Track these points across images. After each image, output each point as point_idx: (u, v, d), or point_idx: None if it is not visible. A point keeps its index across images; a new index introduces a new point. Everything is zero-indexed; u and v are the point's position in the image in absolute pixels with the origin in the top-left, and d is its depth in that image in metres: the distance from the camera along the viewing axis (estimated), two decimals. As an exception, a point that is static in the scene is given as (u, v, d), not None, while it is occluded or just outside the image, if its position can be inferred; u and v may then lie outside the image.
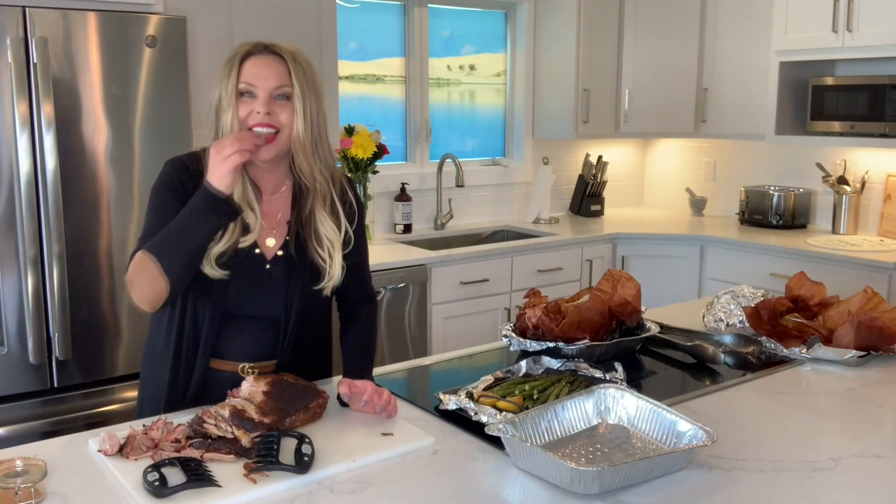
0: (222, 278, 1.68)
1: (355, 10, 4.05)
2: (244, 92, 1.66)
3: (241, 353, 1.75)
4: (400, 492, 1.38)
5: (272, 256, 1.75)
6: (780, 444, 1.58)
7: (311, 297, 1.78)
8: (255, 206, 1.72)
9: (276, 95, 1.66)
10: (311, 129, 1.70)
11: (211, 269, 1.66)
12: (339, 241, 1.77)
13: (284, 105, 1.67)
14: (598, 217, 4.77)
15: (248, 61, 1.66)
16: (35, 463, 1.35)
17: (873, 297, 2.20)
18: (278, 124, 1.67)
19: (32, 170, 2.48)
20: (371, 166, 3.86)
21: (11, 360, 2.53)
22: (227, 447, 1.46)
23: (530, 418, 1.54)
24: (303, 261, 1.76)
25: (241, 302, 1.72)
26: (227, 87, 1.65)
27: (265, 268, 1.74)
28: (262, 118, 1.65)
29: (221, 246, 1.66)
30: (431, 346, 3.62)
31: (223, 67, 1.68)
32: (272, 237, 1.76)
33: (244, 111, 1.66)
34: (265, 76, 1.65)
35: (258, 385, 1.61)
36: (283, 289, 1.74)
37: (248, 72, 1.66)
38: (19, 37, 2.42)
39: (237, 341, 1.75)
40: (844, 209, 4.07)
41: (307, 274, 1.76)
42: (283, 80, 1.66)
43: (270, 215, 1.77)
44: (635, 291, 2.18)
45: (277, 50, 1.69)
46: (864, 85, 3.71)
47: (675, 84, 4.47)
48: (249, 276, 1.72)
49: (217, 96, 1.68)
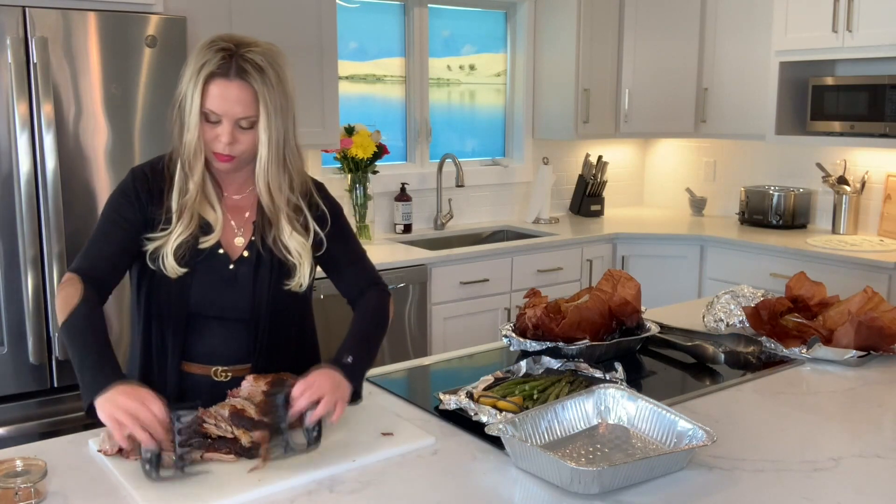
0: (181, 276, 1.66)
1: (355, 10, 4.05)
2: (209, 115, 1.62)
3: (212, 356, 1.73)
4: (400, 492, 1.38)
5: (237, 256, 1.73)
6: (780, 444, 1.58)
7: (282, 296, 1.74)
8: (217, 207, 1.70)
9: (240, 123, 1.62)
10: (277, 152, 1.65)
11: (171, 266, 1.65)
12: (306, 246, 1.74)
13: (248, 132, 1.63)
14: (598, 217, 4.77)
15: (213, 84, 1.58)
16: (35, 463, 1.35)
17: (873, 297, 2.20)
18: (239, 153, 1.64)
19: (32, 170, 2.48)
20: (371, 166, 3.86)
21: (11, 360, 2.53)
22: (227, 447, 1.46)
23: (530, 418, 1.54)
24: (271, 260, 1.73)
25: (205, 302, 1.70)
26: (192, 100, 1.60)
27: (229, 267, 1.72)
28: (223, 149, 1.62)
29: (176, 238, 1.64)
30: (431, 346, 3.62)
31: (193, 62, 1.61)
32: (240, 236, 1.74)
33: (209, 134, 1.63)
34: (231, 104, 1.59)
35: (258, 385, 1.61)
36: (250, 288, 1.72)
37: (214, 98, 1.59)
38: (19, 37, 2.42)
39: (207, 344, 1.73)
40: (844, 209, 4.07)
41: (276, 273, 1.73)
42: (248, 110, 1.61)
43: (238, 213, 1.75)
44: (635, 291, 2.18)
45: (247, 68, 1.59)
46: (864, 85, 3.71)
47: (675, 84, 4.47)
48: (212, 276, 1.70)
49: (181, 94, 1.63)
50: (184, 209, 1.66)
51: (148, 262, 1.68)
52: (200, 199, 1.67)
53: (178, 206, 1.66)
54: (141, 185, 1.70)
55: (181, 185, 1.66)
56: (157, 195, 1.69)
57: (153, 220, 1.68)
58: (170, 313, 1.70)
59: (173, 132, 1.67)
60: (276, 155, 1.65)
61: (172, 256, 1.65)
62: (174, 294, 1.69)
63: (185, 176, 1.66)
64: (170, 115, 1.69)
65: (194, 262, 1.68)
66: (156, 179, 1.70)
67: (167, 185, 1.69)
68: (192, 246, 1.67)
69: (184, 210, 1.66)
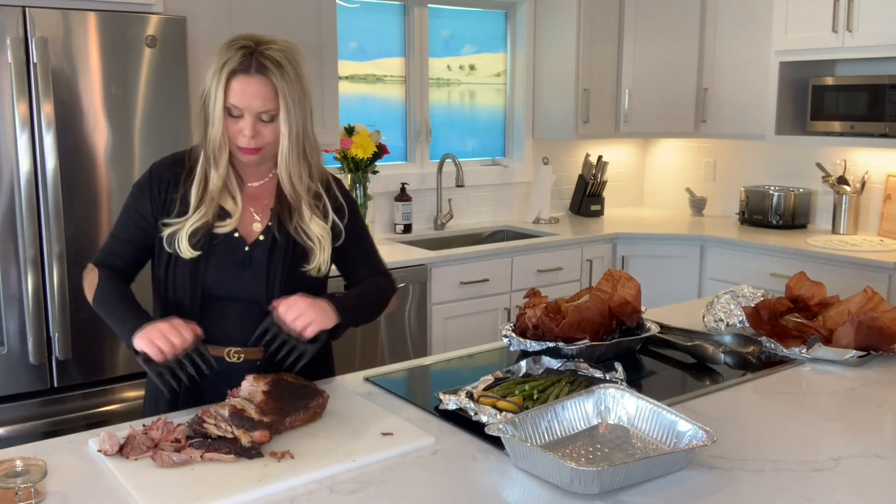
0: (197, 258, 1.74)
1: (355, 10, 4.05)
2: (231, 110, 1.69)
3: (227, 337, 1.78)
4: (400, 492, 1.38)
5: (253, 239, 1.79)
6: (780, 444, 1.58)
7: (296, 280, 1.79)
8: (237, 195, 1.79)
9: (261, 117, 1.70)
10: (297, 143, 1.74)
11: (186, 248, 1.72)
12: (327, 230, 1.82)
13: (269, 125, 1.72)
14: (598, 217, 4.77)
15: (235, 80, 1.67)
16: (35, 463, 1.35)
17: (873, 297, 2.20)
18: (262, 144, 1.73)
19: (32, 170, 2.48)
20: (371, 166, 3.86)
21: (11, 360, 2.53)
22: (227, 447, 1.47)
23: (530, 418, 1.54)
24: (286, 244, 1.79)
25: (220, 283, 1.77)
26: (215, 96, 1.68)
27: (244, 250, 1.78)
28: (247, 142, 1.70)
29: (192, 224, 1.72)
30: (431, 346, 3.62)
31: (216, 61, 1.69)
32: (258, 222, 1.81)
33: (232, 129, 1.71)
34: (251, 98, 1.68)
35: (258, 385, 1.61)
36: (264, 271, 1.78)
37: (236, 93, 1.67)
38: (19, 37, 2.42)
39: (222, 325, 1.78)
40: (844, 209, 4.07)
41: (291, 256, 1.80)
42: (268, 103, 1.69)
43: (257, 200, 1.83)
44: (635, 291, 2.18)
45: (266, 64, 1.68)
46: (864, 85, 3.71)
47: (674, 84, 4.47)
48: (228, 258, 1.77)
49: (205, 91, 1.71)
50: (204, 199, 1.74)
51: (164, 245, 1.75)
52: (222, 190, 1.76)
53: (198, 195, 1.74)
54: (156, 177, 1.79)
55: (203, 176, 1.74)
56: (173, 183, 1.77)
57: (168, 206, 1.76)
58: (185, 295, 1.77)
59: (198, 128, 1.75)
60: (296, 146, 1.74)
61: (187, 240, 1.72)
62: (190, 276, 1.76)
63: (208, 167, 1.74)
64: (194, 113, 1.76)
65: (209, 245, 1.75)
66: (175, 169, 1.79)
67: (185, 173, 1.77)
68: (207, 231, 1.75)
69: (204, 199, 1.74)
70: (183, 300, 1.76)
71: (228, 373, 1.74)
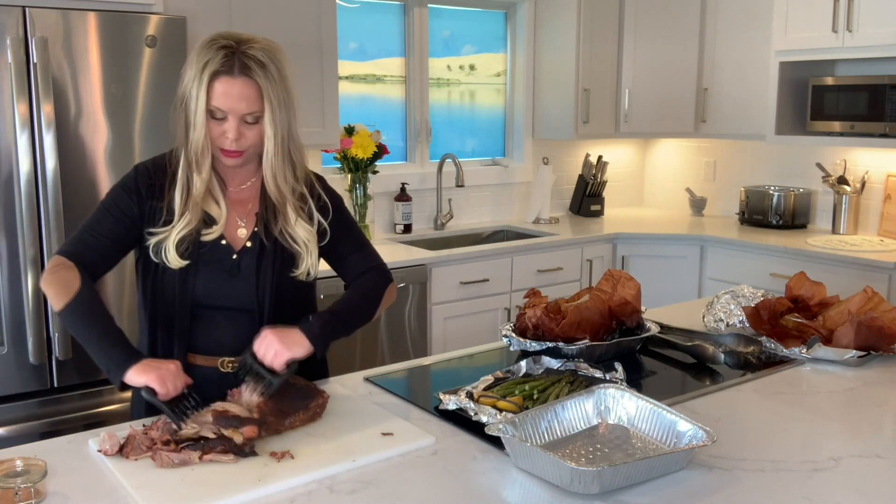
0: (184, 268, 1.69)
1: (355, 10, 4.05)
2: (214, 112, 1.65)
3: (218, 347, 1.75)
4: (400, 492, 1.38)
5: (240, 247, 1.76)
6: (780, 444, 1.58)
7: (285, 286, 1.77)
8: (221, 200, 1.74)
9: (245, 119, 1.66)
10: (282, 145, 1.70)
11: (174, 258, 1.68)
12: (313, 233, 1.78)
13: (254, 127, 1.67)
14: (598, 217, 4.77)
15: (217, 82, 1.62)
16: (35, 463, 1.35)
17: (873, 297, 2.20)
18: (246, 147, 1.69)
19: (32, 170, 2.48)
20: (371, 166, 3.86)
21: (11, 360, 2.53)
22: (222, 446, 1.46)
23: (530, 418, 1.54)
24: (274, 250, 1.76)
25: (209, 293, 1.73)
26: (197, 99, 1.63)
27: (232, 258, 1.74)
28: (230, 144, 1.66)
29: (178, 232, 1.67)
30: (431, 346, 3.62)
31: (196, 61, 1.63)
32: (243, 227, 1.77)
33: (215, 131, 1.66)
34: (236, 100, 1.63)
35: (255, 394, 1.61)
36: (253, 278, 1.75)
37: (219, 95, 1.62)
38: (19, 37, 2.42)
39: (212, 335, 1.75)
40: (844, 209, 4.07)
41: (279, 263, 1.76)
42: (252, 105, 1.64)
43: (241, 206, 1.79)
44: (635, 291, 2.18)
45: (249, 65, 1.63)
46: (864, 85, 3.71)
47: (674, 84, 4.47)
48: (216, 267, 1.73)
49: (185, 93, 1.65)
50: (188, 205, 1.69)
51: (151, 255, 1.71)
52: (205, 195, 1.71)
53: (182, 202, 1.69)
54: (143, 180, 1.73)
55: (185, 182, 1.69)
56: (158, 190, 1.72)
57: (153, 214, 1.71)
58: (174, 305, 1.72)
59: (177, 131, 1.70)
60: (281, 147, 1.70)
61: (175, 249, 1.68)
62: (178, 286, 1.72)
63: (190, 172, 1.69)
64: (172, 115, 1.70)
65: (197, 253, 1.71)
66: (158, 175, 1.74)
67: (169, 180, 1.72)
68: (194, 239, 1.70)
69: (188, 206, 1.69)
70: (172, 312, 1.73)
71: (222, 383, 1.70)
